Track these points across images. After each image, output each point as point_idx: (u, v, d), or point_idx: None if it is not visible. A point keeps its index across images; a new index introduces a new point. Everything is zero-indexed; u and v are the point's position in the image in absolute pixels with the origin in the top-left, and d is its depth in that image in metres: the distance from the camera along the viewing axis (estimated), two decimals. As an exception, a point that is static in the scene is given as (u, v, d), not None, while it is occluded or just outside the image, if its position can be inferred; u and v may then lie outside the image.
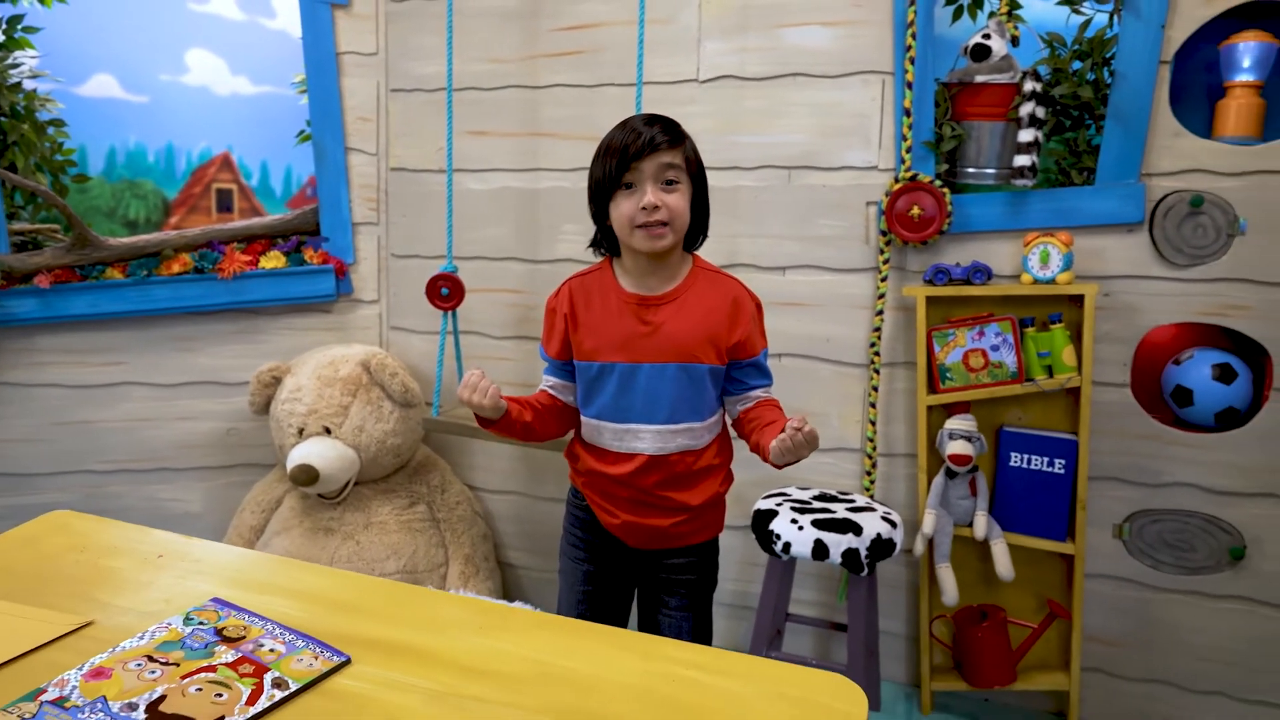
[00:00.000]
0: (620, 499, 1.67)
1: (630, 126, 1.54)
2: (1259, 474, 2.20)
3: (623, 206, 1.53)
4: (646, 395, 1.59)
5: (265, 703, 0.95)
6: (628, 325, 1.58)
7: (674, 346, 1.57)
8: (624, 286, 1.61)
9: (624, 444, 1.62)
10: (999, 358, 2.25)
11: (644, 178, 1.51)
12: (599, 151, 1.57)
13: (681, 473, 1.63)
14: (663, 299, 1.59)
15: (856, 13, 2.38)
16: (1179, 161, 2.17)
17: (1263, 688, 2.25)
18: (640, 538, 1.70)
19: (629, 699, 1.00)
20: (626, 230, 1.54)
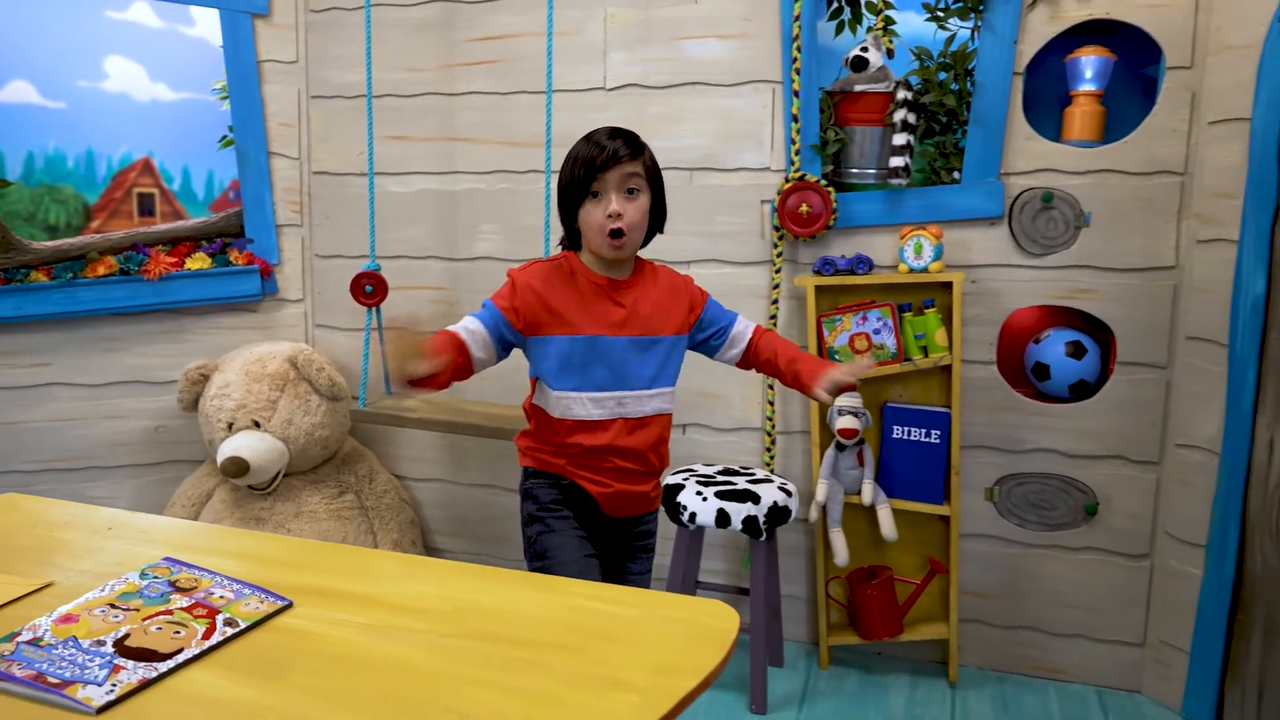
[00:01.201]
0: (608, 469, 1.79)
1: (595, 140, 1.71)
2: (1108, 439, 2.48)
3: (591, 214, 1.70)
4: (626, 364, 1.75)
5: (218, 637, 1.09)
6: (603, 305, 1.75)
7: (645, 321, 1.77)
8: (595, 271, 1.77)
9: (607, 410, 1.75)
10: (881, 340, 2.49)
11: (609, 187, 1.69)
12: (567, 161, 1.73)
13: (657, 436, 1.82)
14: (629, 283, 1.78)
15: (748, 27, 2.59)
16: (1032, 162, 2.44)
17: (1116, 628, 2.53)
18: (624, 505, 1.84)
19: (538, 625, 1.18)
20: (594, 236, 1.71)
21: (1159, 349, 2.41)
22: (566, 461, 1.80)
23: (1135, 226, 2.39)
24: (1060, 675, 2.59)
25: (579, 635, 1.15)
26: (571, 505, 1.82)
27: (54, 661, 1.02)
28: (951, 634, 2.53)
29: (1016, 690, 2.54)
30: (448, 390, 2.71)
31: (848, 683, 2.56)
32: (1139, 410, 2.44)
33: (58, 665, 1.01)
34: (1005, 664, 2.63)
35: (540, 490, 1.84)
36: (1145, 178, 2.37)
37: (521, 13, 2.76)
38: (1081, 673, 2.57)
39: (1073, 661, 2.57)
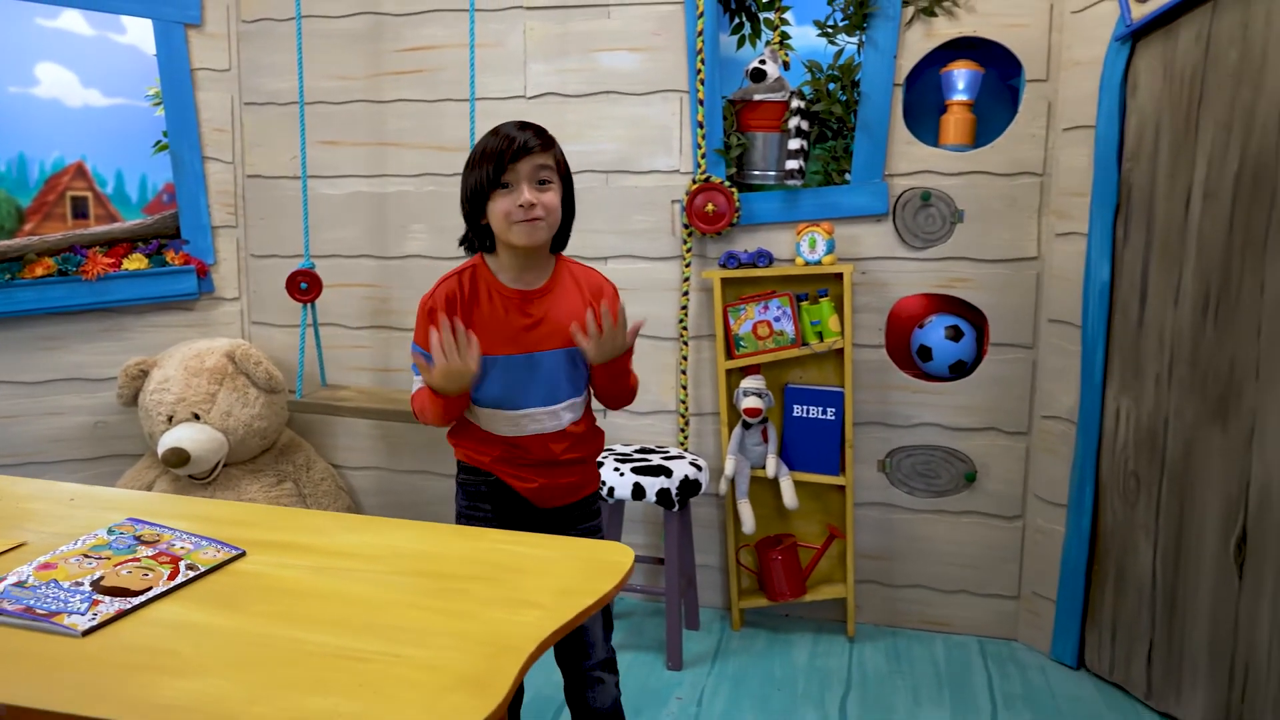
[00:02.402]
0: (532, 466, 1.75)
1: (504, 133, 1.64)
2: (984, 413, 2.76)
3: (501, 204, 1.62)
4: (536, 381, 1.69)
5: (182, 578, 1.27)
6: (514, 320, 1.68)
7: (557, 334, 1.69)
8: (503, 283, 1.70)
9: (520, 429, 1.71)
10: (781, 327, 2.73)
11: (520, 178, 1.61)
12: (474, 157, 1.66)
13: (572, 441, 1.76)
14: (540, 292, 1.70)
15: (657, 41, 2.81)
16: (912, 164, 2.71)
17: (993, 583, 2.82)
18: (553, 496, 1.79)
19: (461, 563, 1.38)
20: (505, 226, 1.63)
21: (1025, 331, 2.70)
22: (491, 461, 1.77)
23: (1002, 222, 2.67)
24: (946, 627, 2.86)
25: (496, 569, 1.35)
26: (498, 501, 1.79)
27: (39, 598, 1.18)
28: (849, 594, 2.79)
29: (907, 642, 2.81)
30: (383, 378, 2.92)
31: (757, 642, 2.80)
32: (1010, 386, 2.73)
33: (43, 601, 1.18)
34: (897, 619, 2.89)
35: (468, 485, 1.82)
36: (1010, 178, 2.65)
37: (446, 25, 2.94)
38: (964, 624, 2.85)
39: (956, 614, 2.85)
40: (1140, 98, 2.38)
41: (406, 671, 1.05)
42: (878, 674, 2.62)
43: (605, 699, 1.85)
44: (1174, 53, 2.27)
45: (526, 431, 1.72)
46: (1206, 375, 2.22)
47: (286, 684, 1.02)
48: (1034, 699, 2.49)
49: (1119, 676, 2.53)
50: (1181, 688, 2.34)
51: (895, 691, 2.52)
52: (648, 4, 2.80)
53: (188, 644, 1.11)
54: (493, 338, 1.66)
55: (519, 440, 1.73)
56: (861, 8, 2.65)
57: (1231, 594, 2.19)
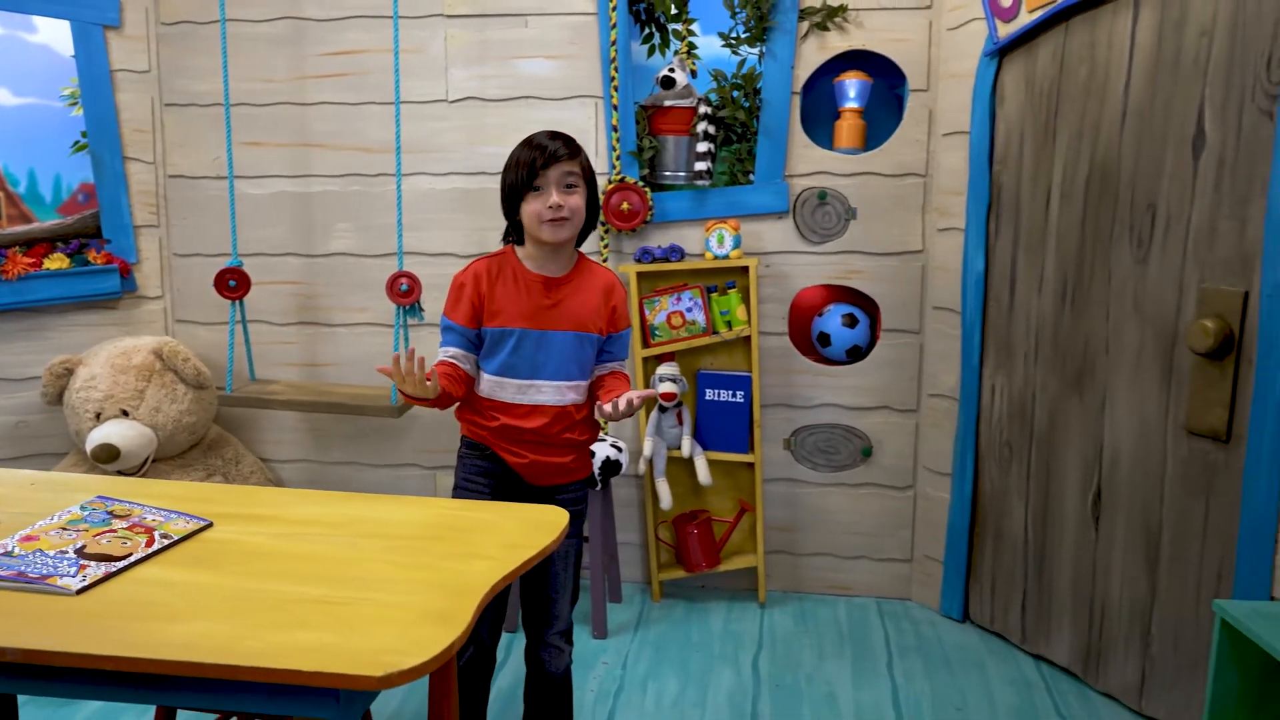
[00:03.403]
0: (528, 442, 1.93)
1: (536, 142, 1.85)
2: (877, 393, 3.02)
3: (533, 205, 1.83)
4: (547, 356, 1.89)
5: (159, 545, 1.39)
6: (535, 299, 1.89)
7: (573, 318, 1.90)
8: (529, 269, 1.91)
9: (527, 397, 1.90)
10: (693, 317, 2.94)
11: (549, 183, 1.82)
12: (511, 162, 1.88)
13: (570, 422, 1.94)
14: (561, 280, 1.92)
15: (572, 49, 2.98)
16: (810, 166, 2.95)
17: (889, 548, 3.09)
18: (544, 474, 1.96)
19: (415, 526, 1.53)
20: (535, 225, 1.84)
21: (913, 318, 2.97)
22: (489, 434, 1.94)
23: (891, 219, 2.94)
24: (848, 591, 3.12)
25: (447, 530, 1.52)
26: (494, 476, 1.95)
27: (30, 564, 1.29)
28: (760, 563, 3.02)
29: (813, 606, 3.05)
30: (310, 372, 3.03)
31: (676, 610, 3.00)
32: (900, 368, 3.00)
33: (34, 566, 1.29)
34: (804, 585, 3.14)
35: (468, 459, 1.98)
36: (897, 179, 2.92)
37: (368, 30, 3.05)
38: (864, 587, 3.12)
39: (857, 579, 3.11)
40: (1007, 107, 2.66)
41: (378, 611, 1.21)
42: (786, 634, 2.85)
43: (560, 664, 2.02)
44: (1034, 68, 2.56)
45: (532, 400, 1.90)
46: (1065, 353, 2.52)
47: (271, 625, 1.17)
48: (924, 649, 2.76)
49: (998, 626, 2.82)
50: (1050, 631, 2.64)
51: (802, 649, 2.76)
52: (563, 14, 2.97)
53: (176, 597, 1.24)
54: (514, 312, 1.88)
55: (523, 408, 1.90)
56: (761, 22, 2.88)
57: (1089, 544, 2.49)
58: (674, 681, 2.56)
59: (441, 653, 1.09)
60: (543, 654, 2.01)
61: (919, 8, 2.84)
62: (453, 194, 3.08)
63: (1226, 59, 2.07)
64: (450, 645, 1.11)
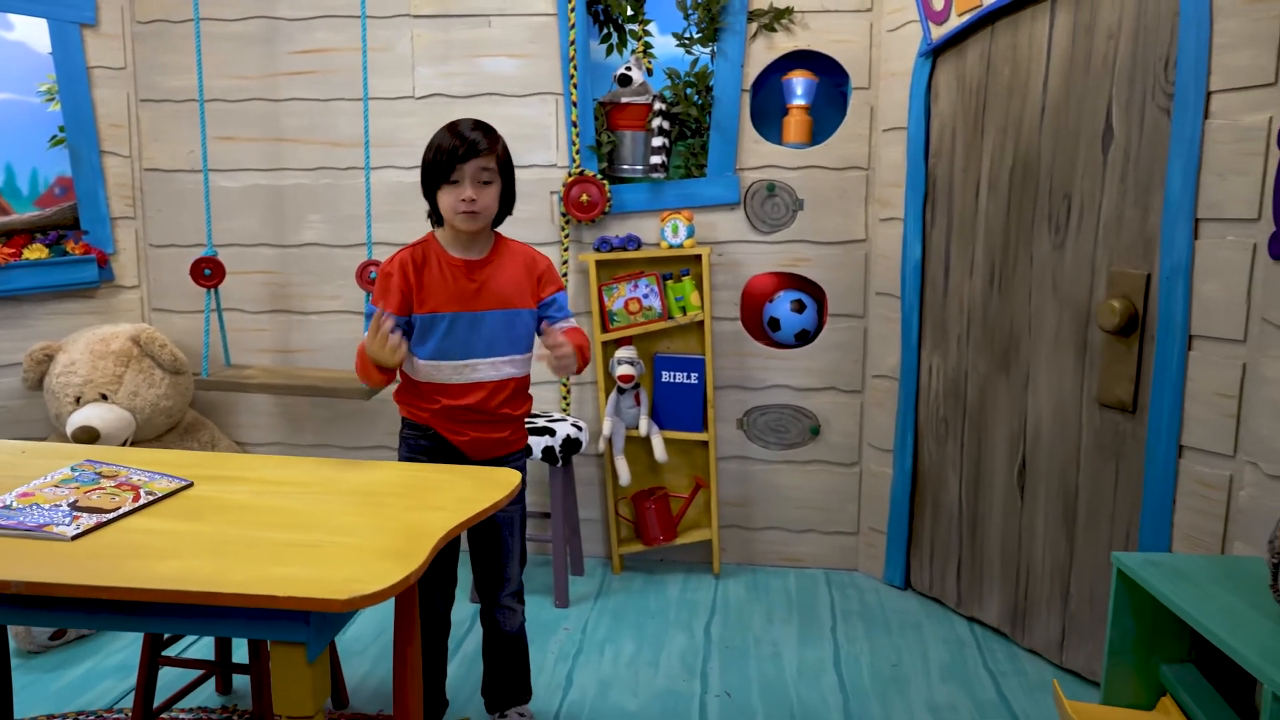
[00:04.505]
0: (467, 420, 2.03)
1: (458, 131, 1.94)
2: (825, 374, 3.19)
3: (448, 197, 1.94)
4: (478, 336, 1.99)
5: (145, 500, 1.53)
6: (460, 284, 1.98)
7: (498, 297, 2.01)
8: (452, 254, 2.01)
9: (464, 376, 2.00)
10: (649, 303, 3.09)
11: (465, 176, 1.92)
12: (432, 148, 1.96)
13: (510, 393, 2.06)
14: (483, 262, 2.02)
15: (534, 48, 3.13)
16: (759, 160, 3.12)
17: (837, 522, 3.26)
18: (483, 449, 2.06)
19: (380, 485, 1.68)
20: (451, 213, 1.96)
21: (857, 303, 3.15)
22: (430, 415, 2.04)
23: (836, 209, 3.11)
24: (798, 563, 3.30)
25: (409, 488, 1.67)
26: (436, 454, 2.04)
27: (28, 515, 1.43)
28: (714, 536, 3.18)
29: (765, 577, 3.22)
30: (283, 358, 3.17)
31: (635, 582, 3.16)
32: (846, 351, 3.17)
33: (31, 517, 1.42)
34: (756, 558, 3.31)
35: (410, 439, 2.08)
36: (841, 172, 3.09)
37: (338, 30, 3.18)
38: (813, 559, 3.29)
39: (806, 551, 3.29)
40: (941, 104, 2.84)
41: (345, 551, 1.36)
42: (738, 602, 3.02)
43: (514, 624, 2.19)
44: (964, 68, 2.74)
45: (469, 379, 2.00)
46: (994, 334, 2.70)
47: (251, 561, 1.32)
48: (867, 614, 2.94)
49: (936, 591, 3.01)
50: (982, 594, 2.82)
51: (752, 615, 2.93)
52: (524, 15, 3.12)
53: (163, 541, 1.38)
54: (441, 298, 1.97)
55: (461, 387, 2.00)
56: (713, 23, 3.04)
57: (1016, 512, 2.67)
58: (630, 644, 2.71)
59: (399, 582, 1.25)
60: (497, 615, 2.17)
61: (860, 10, 3.01)
62: (419, 187, 3.21)
63: (1130, 60, 2.25)
64: (407, 576, 1.26)
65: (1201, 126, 2.08)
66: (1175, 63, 2.13)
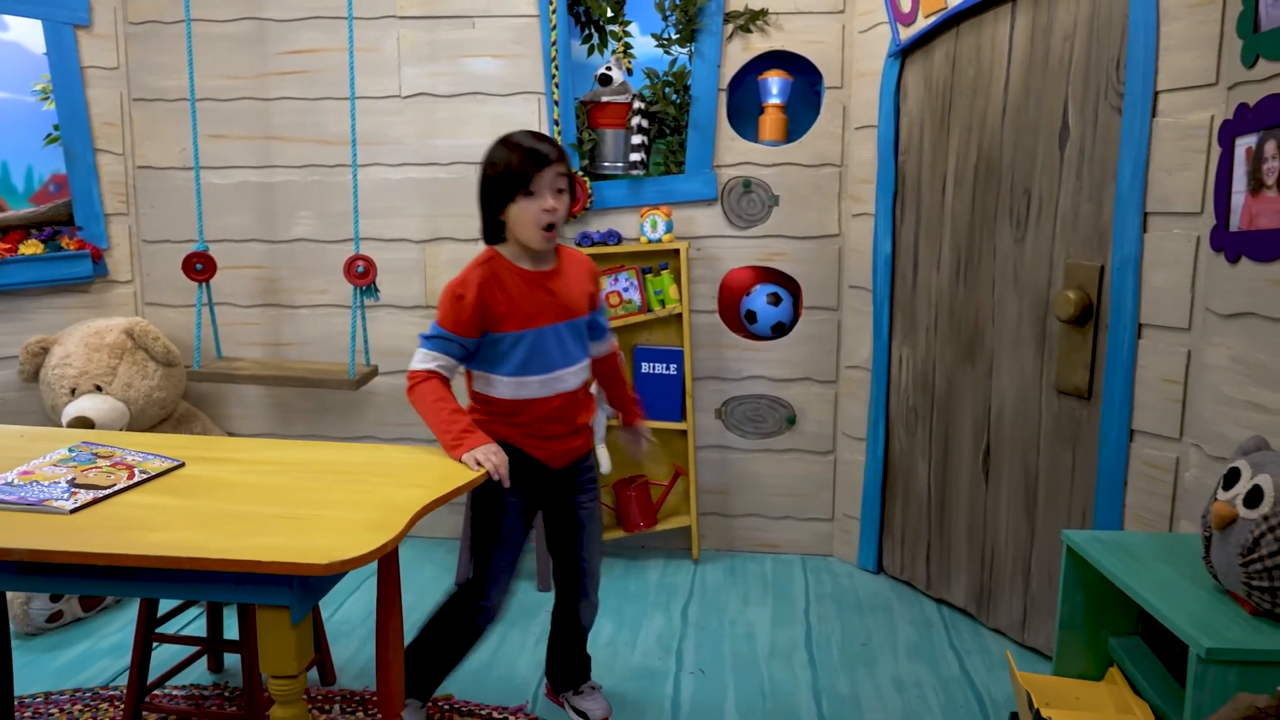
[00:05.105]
0: (553, 434, 2.03)
1: (524, 145, 1.87)
2: (800, 365, 3.29)
3: (527, 209, 1.86)
4: (560, 347, 1.98)
5: (139, 479, 1.62)
6: (539, 297, 1.94)
7: (569, 306, 1.99)
8: (523, 268, 1.94)
9: (550, 389, 1.98)
10: (629, 296, 3.19)
11: (543, 186, 1.86)
12: (499, 164, 1.89)
13: (583, 399, 2.08)
14: (552, 273, 1.99)
15: (516, 48, 3.22)
16: (736, 157, 3.21)
17: (812, 509, 3.36)
18: (566, 457, 2.09)
19: (364, 465, 1.77)
20: (529, 228, 1.88)
21: (831, 296, 3.24)
22: (516, 433, 2.00)
23: (810, 205, 3.20)
24: (774, 549, 3.40)
25: (391, 468, 1.76)
26: (520, 468, 1.96)
27: (29, 491, 1.52)
28: (693, 523, 3.28)
29: (743, 562, 3.32)
30: (273, 351, 3.25)
31: (616, 567, 3.26)
32: (820, 342, 3.27)
33: (32, 493, 1.51)
34: (734, 544, 3.41)
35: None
36: (815, 169, 3.18)
37: (326, 31, 3.27)
38: (790, 545, 3.39)
39: (783, 537, 3.39)
40: (909, 103, 2.94)
41: (326, 523, 1.45)
42: (715, 586, 3.11)
43: (591, 618, 2.29)
44: (931, 68, 2.84)
45: (555, 390, 1.99)
46: (960, 324, 2.80)
47: (239, 533, 1.41)
48: (840, 597, 3.04)
49: (907, 574, 3.11)
50: (950, 576, 2.92)
51: (729, 598, 3.02)
52: (508, 16, 3.21)
53: (157, 515, 1.47)
54: (525, 314, 1.94)
55: (548, 400, 1.99)
56: (690, 24, 3.13)
57: (981, 495, 2.77)
58: (609, 625, 2.81)
59: (377, 549, 1.34)
60: (580, 607, 2.23)
61: (833, 12, 3.11)
62: (406, 183, 3.31)
63: (1085, 61, 2.35)
64: (384, 544, 1.35)
65: (1150, 124, 2.17)
66: (1125, 64, 2.23)
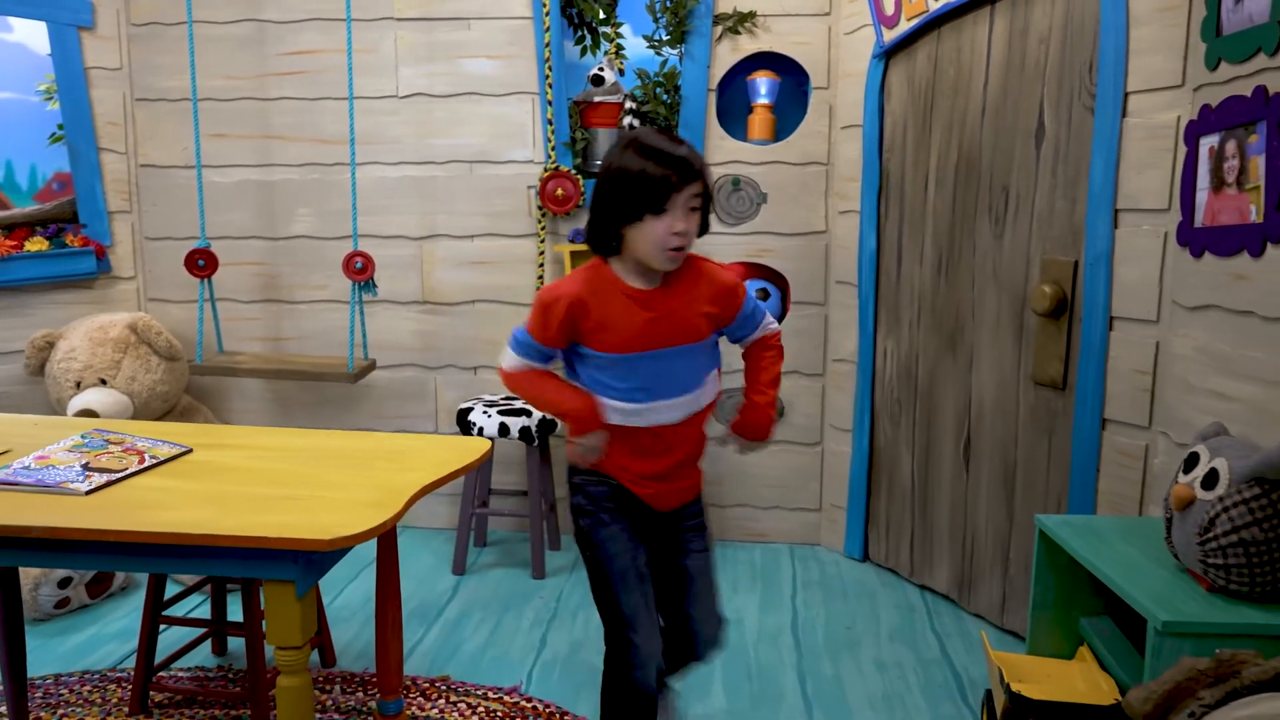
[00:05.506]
0: (649, 473, 1.78)
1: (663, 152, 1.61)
2: (788, 359, 3.28)
3: (655, 229, 1.61)
4: (665, 374, 1.72)
5: (149, 463, 1.70)
6: (641, 316, 1.68)
7: (681, 330, 1.72)
8: (632, 284, 1.70)
9: (647, 419, 1.72)
10: (621, 292, 3.27)
11: (677, 205, 1.61)
12: (630, 173, 1.62)
13: (696, 433, 1.83)
14: (667, 291, 1.72)
15: (511, 49, 3.30)
16: (725, 155, 3.29)
17: (800, 499, 3.44)
18: (671, 500, 1.84)
19: (366, 450, 1.85)
20: (653, 250, 1.63)
21: (818, 291, 3.33)
22: (616, 466, 1.78)
23: (798, 202, 3.28)
24: (764, 538, 3.48)
25: (389, 453, 1.84)
26: (619, 499, 1.80)
27: (45, 475, 1.60)
28: (684, 512, 3.36)
29: (733, 551, 3.40)
30: (273, 345, 3.32)
31: (609, 556, 3.34)
32: (808, 337, 3.35)
33: (48, 476, 1.59)
34: (727, 534, 3.49)
35: (591, 486, 1.81)
36: (802, 167, 3.27)
37: (325, 32, 3.34)
38: (779, 534, 3.47)
39: (772, 527, 3.47)
40: (893, 103, 3.02)
41: (328, 503, 1.53)
42: (706, 574, 3.19)
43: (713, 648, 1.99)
44: (914, 69, 2.92)
45: (654, 423, 1.74)
46: (941, 318, 2.89)
47: (244, 512, 1.49)
48: (826, 584, 3.12)
49: (891, 562, 3.19)
50: (933, 563, 3.01)
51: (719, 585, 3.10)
52: (502, 18, 3.29)
53: (168, 496, 1.55)
54: (623, 335, 1.69)
55: (645, 431, 1.75)
56: (681, 26, 3.21)
57: (962, 485, 2.86)
58: (601, 611, 2.89)
59: (377, 526, 1.42)
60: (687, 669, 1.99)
61: (819, 14, 3.19)
62: (403, 181, 3.39)
63: (1059, 63, 2.44)
64: (384, 522, 1.43)
65: (1120, 125, 2.26)
66: (1097, 66, 2.31)
